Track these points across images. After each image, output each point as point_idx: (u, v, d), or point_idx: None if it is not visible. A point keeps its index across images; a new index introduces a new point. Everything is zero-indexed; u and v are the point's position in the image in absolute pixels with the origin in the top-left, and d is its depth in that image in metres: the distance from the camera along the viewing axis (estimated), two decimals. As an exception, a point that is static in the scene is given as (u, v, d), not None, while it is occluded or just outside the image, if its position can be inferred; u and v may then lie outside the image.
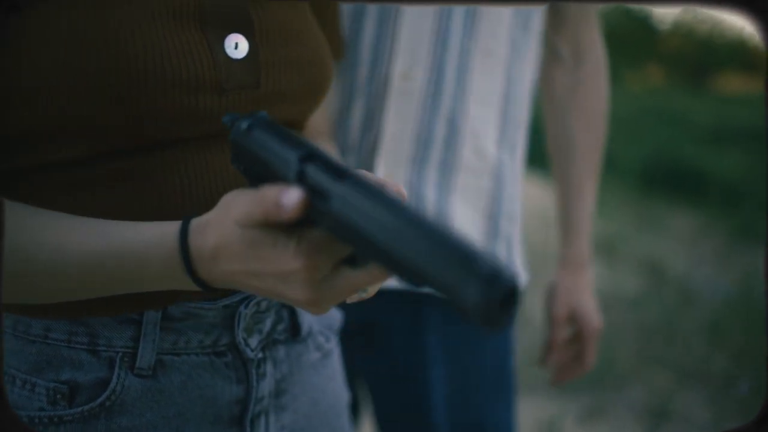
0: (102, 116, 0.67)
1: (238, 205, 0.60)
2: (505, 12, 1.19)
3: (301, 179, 0.57)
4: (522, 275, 1.33)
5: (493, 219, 1.24)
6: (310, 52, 0.79)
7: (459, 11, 1.17)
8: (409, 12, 1.16)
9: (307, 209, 0.56)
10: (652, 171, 7.02)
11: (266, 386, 0.80)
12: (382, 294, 1.20)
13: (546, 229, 3.67)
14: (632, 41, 14.37)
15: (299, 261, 0.58)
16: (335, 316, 0.94)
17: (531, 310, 3.15)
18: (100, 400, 0.71)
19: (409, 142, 1.19)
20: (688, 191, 6.80)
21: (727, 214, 6.06)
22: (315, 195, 0.56)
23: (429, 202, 1.19)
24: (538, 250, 3.54)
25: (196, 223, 0.64)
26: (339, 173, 0.55)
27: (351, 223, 0.52)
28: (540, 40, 1.31)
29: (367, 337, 1.25)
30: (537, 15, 1.25)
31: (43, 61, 0.66)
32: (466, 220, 1.21)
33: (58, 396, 0.71)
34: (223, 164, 0.72)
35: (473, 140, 1.20)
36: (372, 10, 1.18)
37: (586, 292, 1.36)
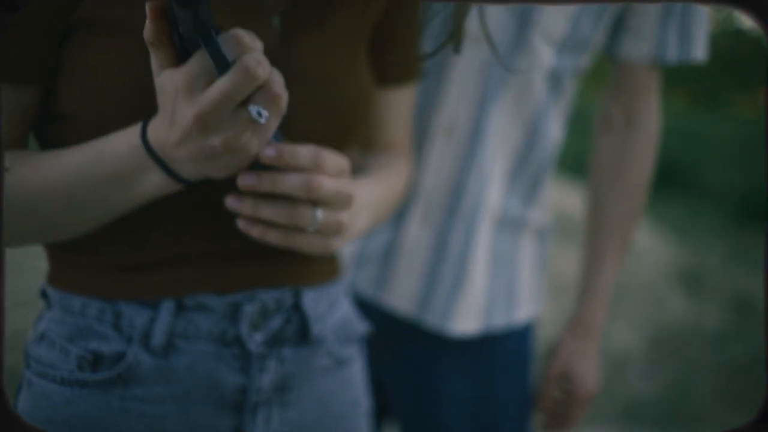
0: None
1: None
2: (537, 77, 1.21)
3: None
4: (532, 308, 1.36)
5: (493, 263, 1.29)
6: (336, 98, 0.86)
7: (497, 75, 1.20)
8: (457, 71, 1.19)
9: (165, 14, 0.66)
10: (751, 201, 6.72)
11: (267, 380, 0.88)
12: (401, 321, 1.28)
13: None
14: (743, 64, 13.80)
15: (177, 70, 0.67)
16: (356, 325, 1.00)
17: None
18: (117, 370, 0.83)
19: (444, 194, 1.25)
20: (789, 224, 6.49)
21: (829, 249, 5.75)
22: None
23: (453, 251, 1.25)
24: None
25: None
26: None
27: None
28: (571, 104, 1.31)
29: (385, 344, 1.28)
30: (567, 78, 1.25)
31: (86, 89, 0.77)
32: (479, 268, 1.27)
33: (84, 362, 0.84)
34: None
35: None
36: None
37: (588, 356, 1.36)
